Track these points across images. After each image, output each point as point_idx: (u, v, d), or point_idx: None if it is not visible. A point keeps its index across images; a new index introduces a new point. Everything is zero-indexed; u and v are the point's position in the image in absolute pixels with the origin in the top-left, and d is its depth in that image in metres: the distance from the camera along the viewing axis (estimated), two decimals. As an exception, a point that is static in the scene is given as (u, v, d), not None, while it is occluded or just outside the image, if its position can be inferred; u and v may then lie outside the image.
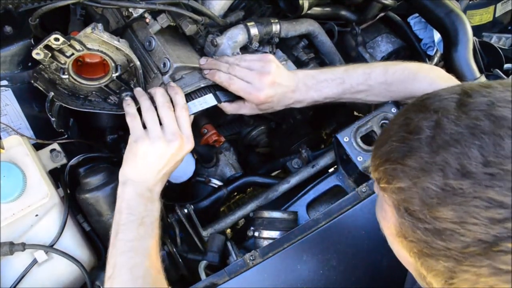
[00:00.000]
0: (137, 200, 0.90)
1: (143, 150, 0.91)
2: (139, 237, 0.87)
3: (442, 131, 0.51)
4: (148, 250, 0.86)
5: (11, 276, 0.92)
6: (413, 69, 1.03)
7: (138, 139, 0.91)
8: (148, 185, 0.92)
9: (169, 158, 0.92)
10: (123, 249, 0.85)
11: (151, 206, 0.91)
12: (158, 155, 0.91)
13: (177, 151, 0.93)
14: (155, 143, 0.91)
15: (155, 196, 0.93)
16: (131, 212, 0.89)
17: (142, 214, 0.89)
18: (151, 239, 0.88)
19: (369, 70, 1.03)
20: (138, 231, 0.87)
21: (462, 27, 1.21)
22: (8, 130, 1.01)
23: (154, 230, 0.89)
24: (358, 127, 1.02)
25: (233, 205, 1.32)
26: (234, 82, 1.01)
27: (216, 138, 1.04)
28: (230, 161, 1.27)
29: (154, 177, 0.92)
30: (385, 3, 1.31)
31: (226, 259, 1.00)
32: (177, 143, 0.92)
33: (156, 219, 0.91)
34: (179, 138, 0.92)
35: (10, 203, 0.89)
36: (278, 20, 1.20)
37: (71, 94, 1.02)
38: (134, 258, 0.84)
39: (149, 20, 1.04)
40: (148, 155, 0.91)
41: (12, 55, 1.00)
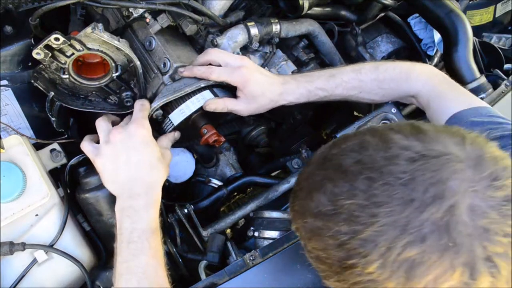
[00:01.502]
0: (122, 215, 0.88)
1: (100, 167, 0.91)
2: (130, 257, 0.84)
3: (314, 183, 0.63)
4: (143, 268, 0.84)
5: (11, 276, 0.92)
6: (405, 68, 1.02)
7: (93, 160, 0.93)
8: (125, 194, 0.89)
9: (121, 155, 0.90)
10: (120, 271, 0.84)
11: (136, 217, 0.87)
12: (111, 161, 0.90)
13: (122, 143, 0.91)
14: (101, 153, 0.91)
15: (141, 202, 0.89)
16: (120, 232, 0.87)
17: (128, 230, 0.86)
18: (143, 255, 0.84)
19: (358, 67, 1.04)
20: (128, 250, 0.85)
21: (462, 27, 1.21)
22: (8, 130, 1.00)
23: (145, 243, 0.85)
24: (358, 127, 1.02)
25: (233, 205, 1.32)
26: (213, 69, 1.01)
27: (216, 138, 1.04)
28: (230, 161, 1.27)
29: (121, 183, 0.90)
30: (385, 3, 1.31)
31: (226, 259, 1.00)
32: (115, 137, 0.91)
33: (145, 230, 0.86)
34: (115, 132, 0.91)
35: (10, 203, 0.89)
36: (278, 20, 1.20)
37: (71, 94, 1.02)
38: (130, 281, 0.83)
39: (149, 20, 1.04)
40: (106, 168, 0.91)
41: (12, 55, 1.00)
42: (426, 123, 0.61)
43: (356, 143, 0.60)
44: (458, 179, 0.53)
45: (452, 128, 0.60)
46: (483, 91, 1.14)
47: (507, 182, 0.53)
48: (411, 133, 0.58)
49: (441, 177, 0.53)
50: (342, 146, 0.61)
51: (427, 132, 0.58)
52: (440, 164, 0.54)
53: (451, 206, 0.52)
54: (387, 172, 0.54)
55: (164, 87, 1.03)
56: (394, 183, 0.53)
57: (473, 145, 0.56)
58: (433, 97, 0.98)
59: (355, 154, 0.58)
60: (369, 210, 0.54)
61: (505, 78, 1.18)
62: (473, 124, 0.91)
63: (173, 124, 1.04)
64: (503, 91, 1.13)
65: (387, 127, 0.61)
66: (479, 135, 0.60)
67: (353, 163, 0.57)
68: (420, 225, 0.52)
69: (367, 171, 0.55)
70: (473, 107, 0.93)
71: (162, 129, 1.06)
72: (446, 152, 0.55)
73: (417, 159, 0.54)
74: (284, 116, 1.33)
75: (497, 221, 0.52)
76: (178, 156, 1.18)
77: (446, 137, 0.57)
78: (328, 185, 0.58)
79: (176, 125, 1.04)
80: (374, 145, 0.58)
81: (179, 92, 1.01)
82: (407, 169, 0.54)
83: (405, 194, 0.53)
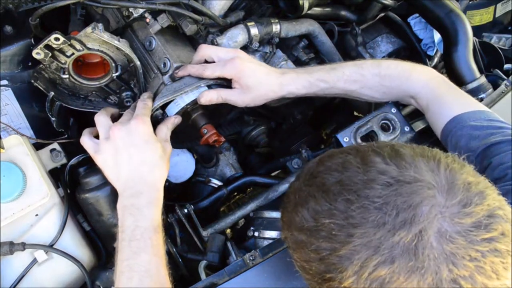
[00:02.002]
0: (124, 213, 0.87)
1: (101, 164, 0.91)
2: (132, 255, 0.84)
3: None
4: (145, 266, 0.83)
5: (11, 276, 0.92)
6: (407, 67, 1.02)
7: (93, 156, 0.93)
8: (127, 193, 0.89)
9: (121, 152, 0.90)
10: (121, 270, 0.83)
11: (138, 215, 0.86)
12: (111, 158, 0.90)
13: (122, 140, 0.90)
14: (102, 149, 0.91)
15: (143, 201, 0.88)
16: (122, 230, 0.86)
17: (130, 228, 0.85)
18: (145, 253, 0.84)
19: (360, 62, 1.04)
20: (130, 248, 0.84)
21: (462, 27, 1.21)
22: (8, 129, 1.00)
23: (148, 241, 0.85)
24: (358, 127, 1.02)
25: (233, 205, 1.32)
26: (206, 66, 1.01)
27: (216, 138, 1.04)
28: (230, 161, 1.27)
29: (123, 181, 0.90)
30: (385, 3, 1.31)
31: (226, 259, 1.00)
32: (115, 133, 0.90)
33: (147, 228, 0.86)
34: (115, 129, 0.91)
35: (10, 203, 0.89)
36: (278, 20, 1.20)
37: (71, 94, 1.02)
38: (132, 279, 0.82)
39: (149, 20, 1.04)
40: (107, 164, 0.91)
41: (12, 54, 1.00)
42: (406, 146, 0.64)
43: (339, 163, 0.64)
44: (429, 205, 0.56)
45: (429, 152, 0.63)
46: (483, 91, 1.14)
47: (477, 209, 0.56)
48: (390, 156, 0.61)
49: (413, 203, 0.56)
50: (327, 164, 0.65)
51: (405, 156, 0.61)
52: (412, 190, 0.57)
53: (420, 230, 0.55)
54: (364, 195, 0.58)
55: (164, 87, 1.03)
56: (369, 207, 0.58)
57: (447, 171, 0.60)
58: (432, 100, 0.98)
59: (337, 174, 0.63)
60: (346, 230, 0.58)
61: (505, 78, 1.17)
62: (473, 128, 0.90)
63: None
64: (503, 91, 1.12)
65: (369, 148, 0.64)
66: (456, 159, 0.63)
67: (334, 183, 0.62)
68: (391, 247, 0.56)
69: (346, 193, 0.60)
70: (472, 110, 0.93)
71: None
72: (419, 179, 0.58)
73: (392, 184, 0.58)
74: (284, 116, 1.33)
75: (464, 246, 0.55)
76: (178, 156, 1.18)
77: (422, 162, 0.60)
78: (311, 203, 0.63)
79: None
80: (355, 166, 0.62)
81: (179, 92, 1.01)
82: (382, 194, 0.58)
83: (378, 218, 0.57)
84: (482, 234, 0.56)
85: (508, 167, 0.85)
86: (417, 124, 1.11)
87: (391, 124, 1.03)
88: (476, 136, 0.90)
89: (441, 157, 0.62)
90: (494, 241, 0.56)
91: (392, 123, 1.03)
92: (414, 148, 0.64)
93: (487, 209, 0.57)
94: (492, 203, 0.58)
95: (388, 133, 1.03)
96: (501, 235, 0.56)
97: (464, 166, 0.62)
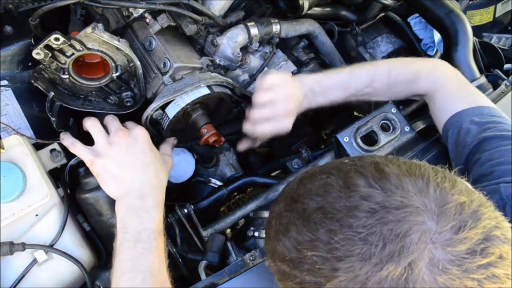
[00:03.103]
0: (129, 215, 0.87)
1: (101, 168, 0.90)
2: (137, 255, 0.84)
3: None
4: (149, 267, 0.83)
5: (11, 276, 0.92)
6: (416, 69, 1.03)
7: (92, 161, 0.90)
8: (134, 194, 0.89)
9: (127, 156, 0.90)
10: (123, 270, 0.83)
11: (146, 217, 0.87)
12: (115, 162, 0.89)
13: (128, 144, 0.91)
14: (103, 153, 0.90)
15: (150, 202, 0.89)
16: (125, 231, 0.86)
17: (136, 230, 0.85)
18: (150, 254, 0.84)
19: (373, 72, 1.04)
20: (135, 249, 0.84)
21: (462, 27, 1.21)
22: (8, 130, 1.00)
23: (153, 242, 0.85)
24: (358, 127, 1.02)
25: (233, 205, 1.32)
26: (258, 126, 1.04)
27: (216, 138, 1.04)
28: (230, 161, 1.27)
29: (130, 183, 0.89)
30: (385, 3, 1.31)
31: (226, 259, 1.00)
32: (121, 138, 0.91)
33: (155, 230, 0.86)
34: (120, 134, 0.91)
35: (10, 203, 0.89)
36: (278, 20, 1.20)
37: (71, 94, 1.02)
38: (135, 279, 0.82)
39: (149, 20, 1.04)
40: (108, 168, 0.89)
41: (12, 55, 1.00)
42: (392, 162, 0.59)
43: (321, 185, 0.59)
44: (418, 232, 0.51)
45: (417, 170, 0.57)
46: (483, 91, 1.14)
47: (471, 233, 0.51)
48: (374, 177, 0.56)
49: (401, 231, 0.51)
50: (308, 186, 0.60)
51: (390, 177, 0.56)
52: (399, 218, 0.52)
53: (409, 263, 0.50)
54: (347, 225, 0.53)
55: (164, 87, 1.03)
56: (353, 238, 0.52)
57: (437, 192, 0.54)
58: (439, 95, 0.99)
59: (318, 198, 0.57)
60: (331, 264, 0.53)
61: (505, 78, 1.18)
62: (473, 123, 0.91)
63: (169, 117, 1.03)
64: (503, 91, 1.13)
65: (352, 167, 0.59)
66: (447, 174, 0.57)
67: (315, 209, 0.57)
68: (378, 282, 0.51)
69: (328, 222, 0.54)
70: (475, 106, 0.93)
71: (160, 125, 1.06)
72: (406, 204, 0.53)
73: (377, 211, 0.53)
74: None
75: (458, 276, 0.50)
76: (178, 156, 1.18)
77: (409, 183, 0.55)
78: (292, 232, 0.58)
79: (172, 118, 1.03)
80: (337, 190, 0.57)
81: (179, 92, 1.01)
82: (366, 223, 0.52)
83: (364, 250, 0.51)
84: (478, 260, 0.51)
85: (496, 164, 0.84)
86: (417, 124, 1.12)
87: (391, 124, 1.03)
88: (473, 130, 0.90)
89: (430, 175, 0.56)
90: (492, 266, 0.51)
91: (392, 123, 1.03)
92: (400, 165, 0.58)
93: (482, 231, 0.52)
94: (487, 223, 0.53)
95: (388, 133, 1.03)
96: (499, 259, 0.52)
97: (455, 184, 0.56)
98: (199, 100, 1.03)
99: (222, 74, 1.12)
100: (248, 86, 1.21)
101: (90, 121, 0.95)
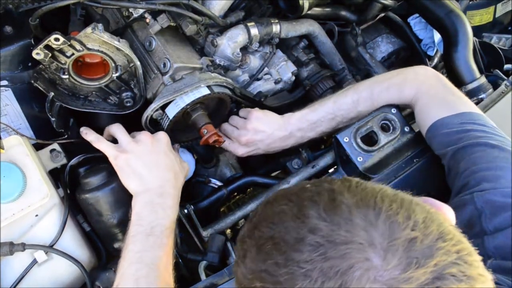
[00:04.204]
0: (146, 209, 0.90)
1: (125, 163, 0.93)
2: (147, 248, 0.86)
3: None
4: (156, 261, 0.85)
5: (11, 276, 0.92)
6: (397, 83, 1.03)
7: (117, 156, 0.94)
8: (155, 191, 0.92)
9: (151, 155, 0.94)
10: (131, 260, 0.85)
11: (162, 214, 0.90)
12: (140, 158, 0.93)
13: (152, 145, 0.96)
14: (128, 149, 0.94)
15: (169, 202, 0.92)
16: (140, 223, 0.88)
17: (151, 224, 0.88)
18: (160, 249, 0.86)
19: (356, 97, 1.05)
20: (147, 241, 0.86)
21: (462, 27, 1.21)
22: (8, 130, 1.00)
23: (164, 239, 0.88)
24: (358, 127, 1.02)
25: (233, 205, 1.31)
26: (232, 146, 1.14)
27: (216, 138, 1.04)
28: (230, 161, 1.27)
29: (153, 180, 0.92)
30: (385, 4, 1.31)
31: (226, 259, 1.00)
32: (147, 138, 0.96)
33: (168, 228, 0.89)
34: (146, 134, 0.97)
35: (10, 203, 0.89)
36: (278, 21, 1.20)
37: (71, 94, 1.02)
38: (140, 270, 0.83)
39: (149, 20, 1.04)
40: (132, 164, 0.93)
41: (12, 55, 1.00)
42: (347, 192, 0.55)
43: (277, 212, 0.57)
44: (361, 269, 0.48)
45: (372, 199, 0.53)
46: (483, 91, 1.14)
47: (418, 273, 0.47)
48: (325, 208, 0.53)
49: (340, 269, 0.48)
50: (267, 212, 0.59)
51: (341, 208, 0.53)
52: (342, 254, 0.49)
53: None
54: (291, 259, 0.51)
55: (164, 87, 1.03)
56: (296, 273, 0.50)
57: (387, 224, 0.50)
58: (421, 105, 1.00)
59: (273, 226, 0.56)
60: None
61: (505, 78, 1.18)
62: (445, 135, 0.92)
63: (169, 117, 1.03)
64: (503, 91, 1.13)
65: (309, 195, 0.56)
66: (405, 204, 0.53)
67: (267, 238, 0.55)
68: None
69: (276, 253, 0.53)
70: (451, 114, 0.93)
71: (160, 125, 1.06)
72: (350, 240, 0.49)
73: (322, 245, 0.50)
74: (284, 116, 1.33)
75: None
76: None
77: (359, 215, 0.51)
78: (247, 259, 0.57)
79: (172, 118, 1.03)
80: (290, 219, 0.55)
81: (179, 92, 1.01)
82: (309, 258, 0.50)
83: (304, 285, 0.49)
84: None
85: (469, 173, 0.84)
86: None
87: (391, 125, 1.03)
88: (446, 143, 0.91)
89: (384, 206, 0.52)
90: None
91: (392, 123, 1.03)
92: (356, 194, 0.54)
93: (432, 270, 0.47)
94: (442, 260, 0.48)
95: (388, 133, 1.03)
96: None
97: (411, 216, 0.51)
98: (199, 100, 1.03)
99: (222, 74, 1.13)
100: (248, 86, 1.21)
101: (116, 126, 1.00)
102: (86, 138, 0.99)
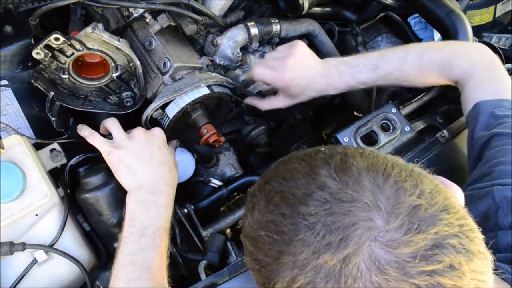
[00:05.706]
0: (139, 208, 0.88)
1: (118, 159, 0.91)
2: (139, 250, 0.84)
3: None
4: (148, 263, 0.84)
5: (11, 276, 0.92)
6: (450, 54, 1.00)
7: (110, 152, 0.92)
8: (147, 188, 0.90)
9: (144, 150, 0.92)
10: (123, 262, 0.84)
11: (155, 213, 0.88)
12: (133, 154, 0.91)
13: (146, 140, 0.94)
14: (122, 145, 0.92)
15: (162, 200, 0.90)
16: (132, 224, 0.87)
17: (143, 224, 0.86)
18: (153, 250, 0.85)
19: (404, 55, 1.00)
20: (139, 243, 0.85)
21: (462, 27, 1.21)
22: (8, 130, 1.00)
23: (157, 240, 0.86)
24: (358, 127, 1.02)
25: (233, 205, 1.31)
26: (259, 70, 1.05)
27: (216, 138, 1.04)
28: (230, 161, 1.27)
29: (145, 176, 0.91)
30: (385, 3, 1.31)
31: (226, 259, 1.00)
32: (140, 133, 0.94)
33: (161, 227, 0.88)
34: (140, 130, 0.95)
35: (10, 203, 0.89)
36: (278, 20, 1.20)
37: (71, 94, 1.02)
38: (132, 272, 0.83)
39: (149, 20, 1.04)
40: (124, 159, 0.91)
41: (12, 55, 1.00)
42: (362, 155, 0.57)
43: (289, 169, 0.59)
44: (363, 228, 0.49)
45: (384, 165, 0.55)
46: (483, 91, 1.14)
47: (418, 238, 0.48)
48: (336, 168, 0.55)
49: (342, 225, 0.50)
50: (280, 169, 0.61)
51: (351, 169, 0.54)
52: (346, 211, 0.51)
53: (346, 256, 0.49)
54: (297, 211, 0.53)
55: (164, 87, 1.03)
56: (300, 224, 0.53)
57: (393, 189, 0.52)
58: (469, 83, 0.96)
59: (283, 182, 0.58)
60: (278, 246, 0.54)
61: (505, 78, 1.17)
62: (490, 116, 0.89)
63: (169, 117, 1.03)
64: (503, 91, 1.12)
65: (322, 157, 0.58)
66: (415, 173, 0.55)
67: (277, 192, 0.57)
68: (315, 270, 0.50)
69: (283, 205, 0.55)
70: (497, 98, 0.91)
71: (160, 124, 1.06)
72: (355, 198, 0.51)
73: (328, 201, 0.52)
74: (284, 116, 1.33)
75: (395, 278, 0.48)
76: (178, 156, 1.18)
77: (368, 178, 0.53)
78: (255, 211, 0.59)
79: (172, 117, 1.03)
80: (300, 176, 0.57)
81: (179, 92, 1.01)
82: (314, 212, 0.52)
83: (306, 237, 0.51)
84: (421, 266, 0.48)
85: (496, 164, 0.83)
86: (417, 124, 1.12)
87: (391, 124, 1.03)
88: (489, 124, 0.88)
89: (393, 172, 0.54)
90: (437, 275, 0.48)
91: (392, 123, 1.03)
92: (368, 159, 0.56)
93: (432, 238, 0.48)
94: (444, 230, 0.49)
95: (388, 133, 1.03)
96: (448, 268, 0.48)
97: (418, 185, 0.53)
98: (199, 100, 1.03)
99: (222, 74, 1.13)
100: (248, 86, 1.21)
101: (111, 120, 0.98)
102: (80, 134, 0.97)
